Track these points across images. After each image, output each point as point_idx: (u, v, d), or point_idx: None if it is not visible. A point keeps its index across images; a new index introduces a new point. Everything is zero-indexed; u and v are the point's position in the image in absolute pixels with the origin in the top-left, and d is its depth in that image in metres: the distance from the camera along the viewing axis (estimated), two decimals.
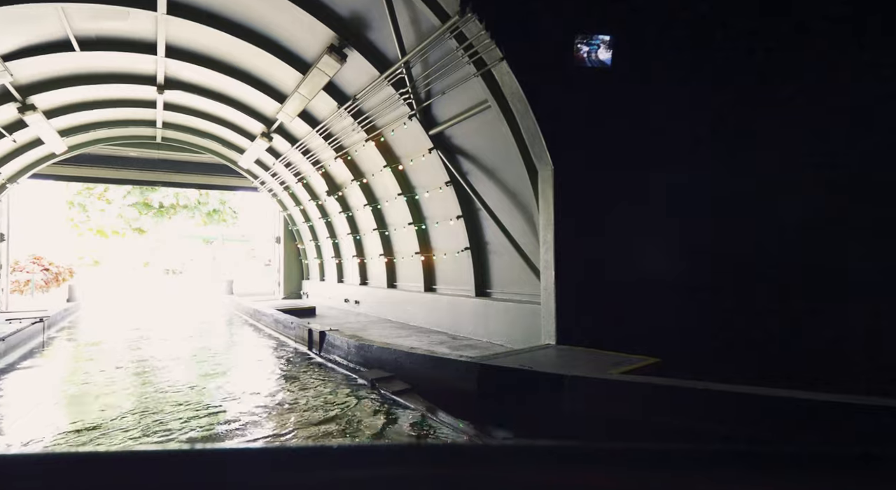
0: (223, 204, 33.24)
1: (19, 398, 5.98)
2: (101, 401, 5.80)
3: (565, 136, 6.54)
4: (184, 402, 5.71)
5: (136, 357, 8.43)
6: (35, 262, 19.04)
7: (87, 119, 12.87)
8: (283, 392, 6.20)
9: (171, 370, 7.43)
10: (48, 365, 7.92)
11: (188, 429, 4.81)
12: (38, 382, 6.84)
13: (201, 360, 8.15)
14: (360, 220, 13.63)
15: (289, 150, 13.39)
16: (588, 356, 5.78)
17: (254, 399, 5.81)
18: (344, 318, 12.23)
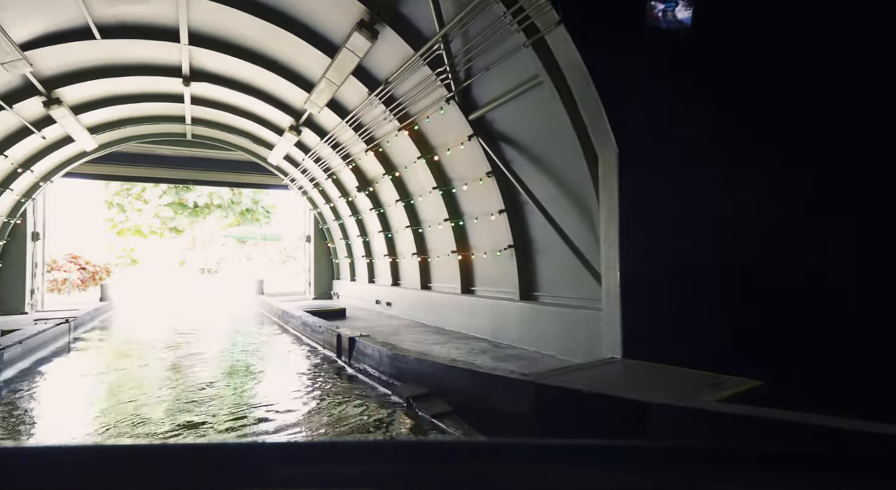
0: (256, 203, 33.35)
1: (19, 412, 5.46)
2: (108, 419, 5.20)
3: (633, 112, 5.55)
4: (194, 420, 5.03)
5: (154, 365, 7.90)
6: (72, 261, 19.22)
7: (115, 115, 12.60)
8: (304, 408, 5.46)
9: (189, 378, 6.83)
10: (64, 370, 7.48)
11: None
12: (48, 392, 6.34)
13: (221, 370, 7.54)
14: (391, 216, 12.89)
15: (318, 144, 12.78)
16: (667, 375, 4.79)
17: (270, 416, 5.09)
18: (375, 321, 11.51)
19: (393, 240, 13.27)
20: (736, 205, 5.45)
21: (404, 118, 9.27)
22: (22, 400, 5.79)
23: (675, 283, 5.53)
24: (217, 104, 12.64)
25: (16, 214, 13.39)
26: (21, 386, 6.39)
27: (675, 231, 5.65)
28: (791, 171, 5.54)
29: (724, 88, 5.50)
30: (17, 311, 13.60)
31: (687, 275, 5.48)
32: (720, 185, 5.61)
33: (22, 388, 6.31)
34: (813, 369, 5.08)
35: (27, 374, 6.92)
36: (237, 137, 14.98)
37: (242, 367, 7.57)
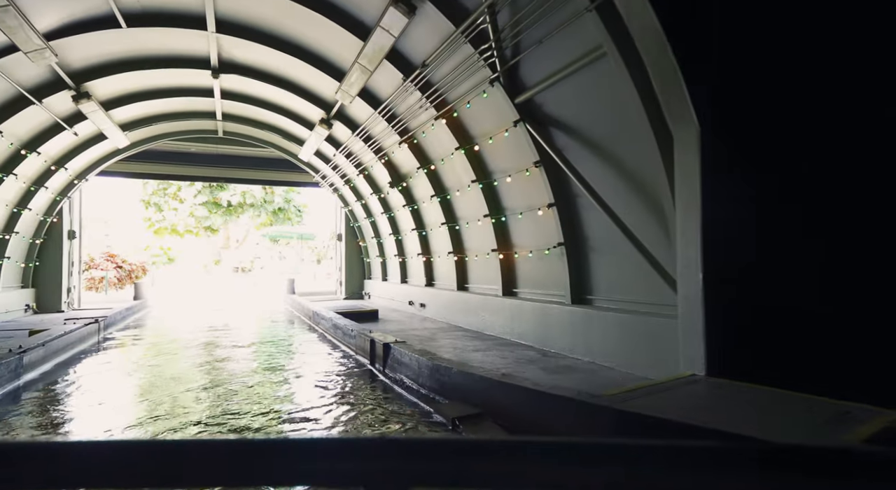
0: (288, 202, 33.40)
1: (34, 416, 5.03)
2: (124, 421, 4.70)
3: (720, 83, 4.68)
4: (214, 433, 4.46)
5: (180, 369, 7.46)
6: (109, 259, 19.41)
7: (145, 111, 12.39)
8: (331, 422, 4.83)
9: (213, 385, 6.33)
10: (88, 373, 7.12)
11: None
12: (66, 397, 5.94)
13: (248, 377, 7.02)
14: (425, 213, 12.24)
15: (349, 137, 12.24)
16: (771, 400, 3.92)
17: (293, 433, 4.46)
18: (409, 324, 10.87)
19: (427, 238, 12.62)
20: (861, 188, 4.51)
21: (442, 105, 8.56)
22: (38, 404, 5.39)
23: (776, 287, 4.63)
24: (247, 98, 12.27)
25: (52, 213, 13.40)
26: (40, 389, 6.02)
27: (773, 225, 4.75)
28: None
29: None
30: (55, 309, 13.63)
31: (791, 277, 4.57)
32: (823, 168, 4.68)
33: (41, 391, 5.94)
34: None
35: (48, 377, 6.56)
36: (268, 133, 14.63)
37: (270, 374, 7.03)
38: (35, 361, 6.64)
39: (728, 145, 4.74)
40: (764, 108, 4.92)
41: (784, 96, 4.93)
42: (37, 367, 6.69)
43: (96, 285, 18.56)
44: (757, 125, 4.90)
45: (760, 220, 4.81)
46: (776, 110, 4.96)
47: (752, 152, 4.85)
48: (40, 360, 6.83)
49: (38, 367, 6.75)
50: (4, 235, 11.47)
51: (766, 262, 4.77)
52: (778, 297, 4.73)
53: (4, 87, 8.46)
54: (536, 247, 8.03)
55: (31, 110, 9.34)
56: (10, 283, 12.24)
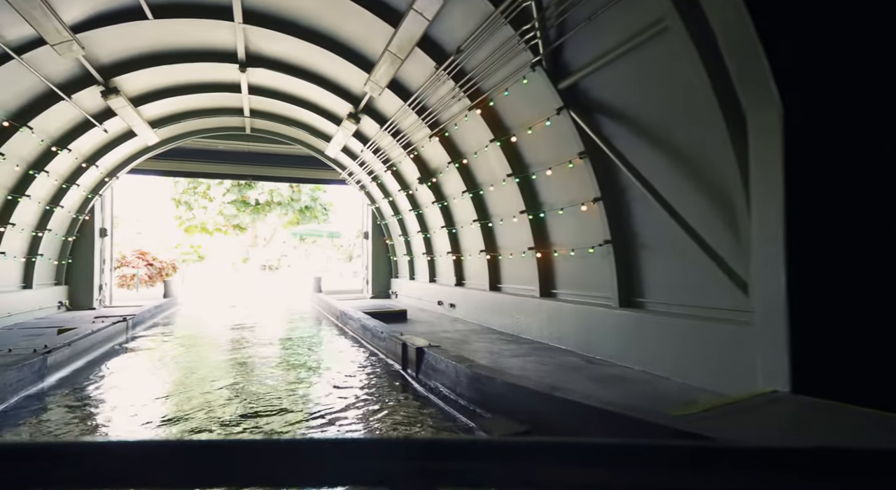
0: (314, 201, 33.47)
1: (55, 418, 4.79)
2: (143, 423, 4.39)
3: (808, 60, 4.07)
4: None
5: (205, 369, 7.21)
6: (140, 257, 19.64)
7: (174, 108, 12.30)
8: (363, 434, 4.42)
9: (238, 387, 6.02)
10: (114, 372, 6.93)
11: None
12: (90, 398, 5.72)
13: (274, 379, 6.70)
14: (456, 210, 11.78)
15: (377, 132, 11.87)
16: (877, 424, 3.33)
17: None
18: (439, 325, 10.44)
19: (457, 235, 12.16)
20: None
21: (476, 95, 8.08)
22: (61, 408, 5.16)
23: (875, 289, 3.99)
24: (274, 93, 12.04)
25: (84, 210, 13.49)
26: (65, 392, 5.82)
27: (869, 221, 4.12)
28: None
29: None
30: (87, 307, 13.74)
31: (893, 278, 3.94)
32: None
33: (65, 394, 5.73)
34: None
35: (74, 378, 6.38)
36: (295, 130, 14.42)
37: (296, 378, 6.70)
38: (61, 362, 6.46)
39: (814, 130, 4.13)
40: (855, 89, 4.28)
41: (879, 75, 4.28)
42: (62, 367, 6.51)
43: (128, 283, 18.79)
44: (847, 108, 4.26)
45: (854, 214, 4.18)
46: (868, 91, 4.31)
47: (843, 138, 4.22)
48: (66, 361, 6.66)
49: (64, 367, 6.58)
50: (38, 233, 11.53)
51: (861, 261, 4.14)
52: (877, 301, 4.10)
53: (34, 82, 8.38)
54: (578, 245, 7.47)
55: (61, 106, 9.27)
56: (43, 281, 12.34)
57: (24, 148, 9.40)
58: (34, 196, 10.53)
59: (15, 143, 8.87)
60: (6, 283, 10.56)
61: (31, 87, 8.51)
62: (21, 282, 11.40)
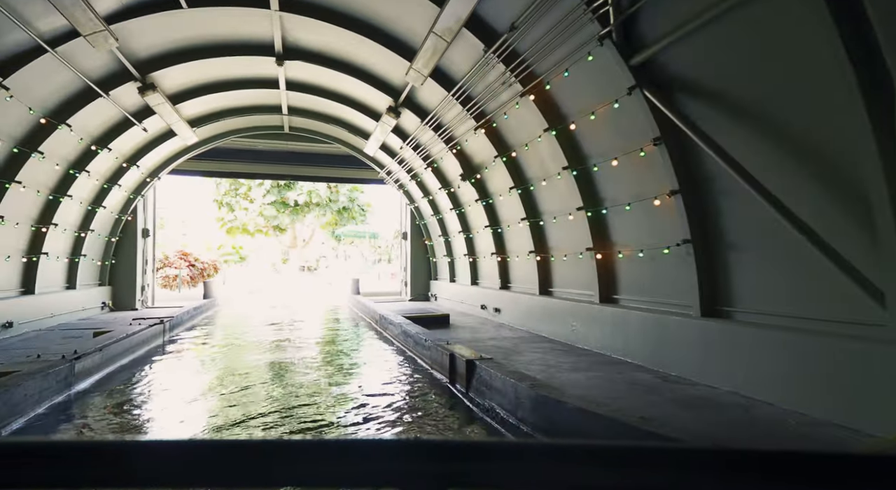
0: (352, 201, 33.38)
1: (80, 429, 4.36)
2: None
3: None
4: None
5: (243, 375, 6.74)
6: (182, 258, 19.83)
7: (212, 106, 12.09)
8: None
9: (275, 396, 5.49)
10: (149, 377, 6.57)
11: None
12: (120, 406, 5.31)
13: (310, 389, 6.14)
14: (501, 208, 11.02)
15: (418, 127, 11.26)
16: None
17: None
18: (484, 332, 9.70)
19: (502, 235, 11.39)
20: None
21: (529, 79, 7.31)
22: (85, 419, 4.75)
23: None
24: (312, 88, 11.64)
25: (127, 211, 13.51)
26: (91, 402, 5.44)
27: None
28: None
29: None
30: (129, 307, 13.77)
31: None
32: None
33: (91, 403, 5.35)
34: None
35: (103, 386, 6.02)
36: (333, 127, 14.03)
37: (335, 389, 6.12)
38: (90, 368, 6.12)
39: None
40: None
41: None
42: (93, 374, 6.17)
43: (170, 283, 18.98)
44: None
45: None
46: None
47: None
48: (96, 367, 6.32)
49: (95, 373, 6.23)
50: (81, 233, 11.53)
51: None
52: None
53: (70, 78, 8.19)
54: (648, 245, 6.57)
55: (99, 104, 9.10)
56: (87, 281, 12.38)
57: (64, 147, 9.29)
58: (76, 196, 10.48)
59: (54, 141, 8.73)
60: (49, 283, 10.55)
61: (67, 84, 8.33)
62: (65, 282, 11.42)
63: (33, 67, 7.23)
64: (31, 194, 8.97)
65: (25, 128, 8.18)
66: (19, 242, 9.28)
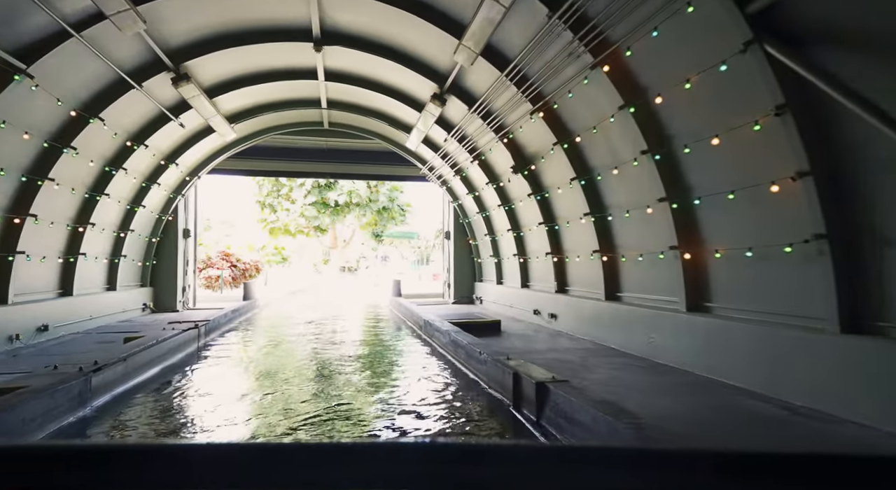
0: (392, 201, 32.85)
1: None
2: None
3: None
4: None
5: (275, 388, 5.99)
6: (224, 258, 19.70)
7: (250, 101, 11.59)
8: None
9: (312, 418, 4.67)
10: (178, 389, 5.93)
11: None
12: (141, 423, 4.62)
13: (353, 403, 5.29)
14: (559, 202, 9.92)
15: (464, 116, 10.32)
16: None
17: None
18: (541, 341, 8.64)
19: (558, 233, 10.28)
20: None
21: (602, 47, 6.20)
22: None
23: None
24: (351, 78, 10.92)
25: (167, 211, 13.25)
26: (108, 422, 4.79)
27: None
28: None
29: None
30: (170, 309, 13.50)
31: None
32: None
33: (108, 424, 4.70)
34: None
35: (125, 401, 5.39)
36: (373, 121, 13.30)
37: (380, 422, 5.24)
38: (111, 381, 5.50)
39: None
40: None
41: None
42: (114, 387, 5.55)
43: (213, 284, 18.86)
44: None
45: None
46: None
47: None
48: (120, 379, 5.71)
49: (117, 387, 5.62)
50: (120, 233, 11.26)
51: None
52: None
53: (101, 68, 7.73)
54: (760, 242, 5.35)
55: (133, 97, 8.65)
56: (127, 282, 12.14)
57: (98, 142, 8.90)
58: (114, 195, 10.14)
59: (88, 136, 8.33)
60: (88, 284, 10.27)
61: (98, 74, 7.89)
62: (105, 283, 11.17)
63: (59, 55, 6.76)
64: (65, 192, 8.61)
65: (55, 122, 7.77)
66: (56, 242, 8.97)
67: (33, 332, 8.12)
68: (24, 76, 6.40)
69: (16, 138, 7.02)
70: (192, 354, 8.14)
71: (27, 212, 7.75)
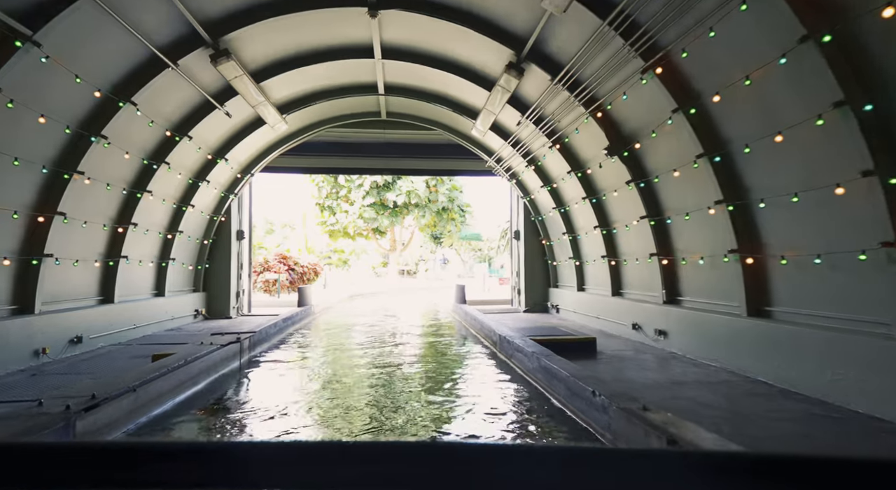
0: (451, 201, 31.49)
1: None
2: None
3: None
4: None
5: (325, 424, 4.54)
6: (281, 261, 19.03)
7: (301, 87, 10.47)
8: None
9: None
10: (209, 424, 4.63)
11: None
12: None
13: None
14: (667, 190, 7.91)
15: (545, 89, 8.57)
16: None
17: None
18: (654, 368, 6.69)
19: (667, 229, 8.24)
20: None
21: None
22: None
23: None
24: (411, 53, 9.53)
25: (219, 211, 12.45)
26: None
27: None
28: None
29: None
30: (223, 315, 12.71)
31: None
32: None
33: None
34: None
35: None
36: (435, 108, 11.82)
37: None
38: (110, 423, 4.25)
39: None
40: None
41: None
42: (113, 429, 4.30)
43: (270, 288, 18.21)
44: None
45: None
46: None
47: None
48: (123, 418, 4.47)
49: (117, 428, 4.37)
50: (168, 234, 10.47)
51: None
52: None
53: (127, 44, 6.70)
54: None
55: (169, 79, 7.64)
56: (177, 287, 11.37)
57: (133, 132, 7.96)
58: (158, 192, 9.28)
59: (119, 125, 7.38)
60: (133, 290, 9.48)
61: (126, 51, 6.89)
62: (152, 289, 10.40)
63: (72, 23, 5.72)
64: (98, 188, 7.72)
65: (78, 106, 6.82)
66: (91, 244, 8.14)
67: (65, 345, 7.26)
68: (31, 44, 5.38)
69: (31, 123, 6.07)
70: (230, 376, 6.94)
71: (54, 210, 6.86)
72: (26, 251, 6.72)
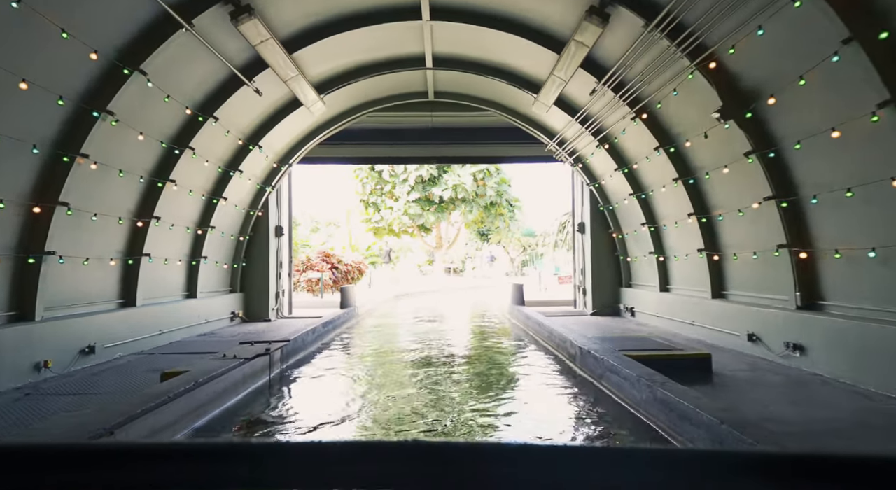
0: (500, 195, 29.86)
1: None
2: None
3: None
4: None
5: None
6: (325, 260, 18.09)
7: (340, 63, 9.27)
8: None
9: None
10: None
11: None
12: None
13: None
14: (799, 163, 6.03)
15: (638, 38, 6.86)
16: None
17: None
18: (805, 401, 4.90)
19: (800, 215, 6.34)
20: None
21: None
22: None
23: None
24: (464, 13, 8.04)
25: (256, 205, 11.45)
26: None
27: None
28: None
29: None
30: (262, 318, 11.73)
31: None
32: None
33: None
34: None
35: None
36: (489, 82, 10.31)
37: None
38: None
39: None
40: None
41: None
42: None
43: (313, 287, 17.30)
44: None
45: None
46: None
47: None
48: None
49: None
50: (198, 230, 9.50)
51: None
52: None
53: (138, 2, 5.59)
54: None
55: (184, 45, 6.52)
56: (211, 288, 10.42)
57: (146, 109, 6.88)
58: (182, 182, 8.27)
59: (127, 99, 6.30)
60: (160, 292, 8.54)
61: (130, 8, 5.76)
62: (183, 290, 9.47)
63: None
64: (110, 175, 6.71)
65: (80, 77, 5.77)
66: (104, 240, 7.16)
67: (74, 356, 6.28)
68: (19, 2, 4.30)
69: (21, 94, 5.02)
70: (253, 398, 5.70)
71: (56, 200, 5.86)
72: (24, 249, 5.74)
